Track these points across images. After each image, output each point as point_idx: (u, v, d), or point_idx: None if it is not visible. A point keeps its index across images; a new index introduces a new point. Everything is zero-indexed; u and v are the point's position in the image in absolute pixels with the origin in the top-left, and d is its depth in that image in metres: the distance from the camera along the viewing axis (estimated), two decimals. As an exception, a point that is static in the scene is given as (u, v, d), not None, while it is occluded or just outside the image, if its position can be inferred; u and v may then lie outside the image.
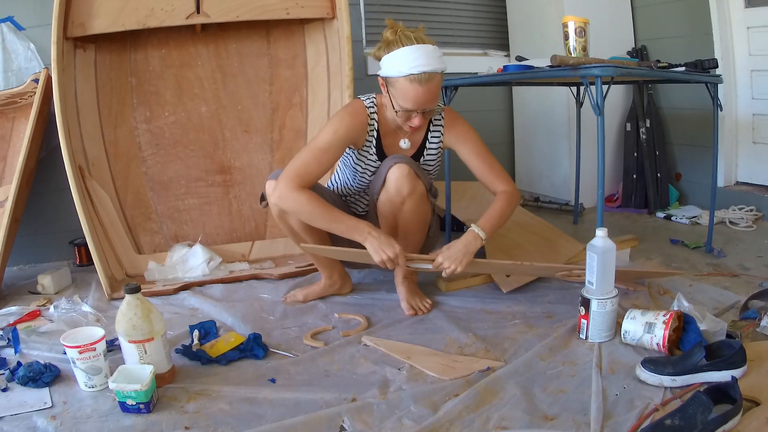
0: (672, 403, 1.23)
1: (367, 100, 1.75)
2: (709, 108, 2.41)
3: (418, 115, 1.63)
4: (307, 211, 1.63)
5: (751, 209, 2.87)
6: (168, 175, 2.49)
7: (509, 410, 1.24)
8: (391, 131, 1.77)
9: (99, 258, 2.08)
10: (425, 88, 1.58)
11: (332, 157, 1.68)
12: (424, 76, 1.56)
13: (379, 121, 1.75)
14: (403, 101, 1.61)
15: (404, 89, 1.59)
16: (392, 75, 1.60)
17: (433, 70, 1.57)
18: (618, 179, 3.42)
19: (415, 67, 1.55)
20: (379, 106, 1.75)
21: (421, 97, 1.59)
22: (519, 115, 3.64)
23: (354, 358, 1.53)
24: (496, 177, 1.79)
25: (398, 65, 1.58)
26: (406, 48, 1.57)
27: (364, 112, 1.73)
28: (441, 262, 1.65)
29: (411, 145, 1.79)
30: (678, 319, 1.47)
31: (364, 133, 1.74)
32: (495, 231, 1.72)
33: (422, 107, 1.61)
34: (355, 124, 1.70)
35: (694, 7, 3.05)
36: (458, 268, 1.64)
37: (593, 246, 1.55)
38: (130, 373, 1.31)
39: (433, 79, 1.58)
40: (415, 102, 1.60)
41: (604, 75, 1.79)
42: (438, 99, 1.65)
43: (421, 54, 1.56)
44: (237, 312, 1.86)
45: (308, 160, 1.65)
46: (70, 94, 2.23)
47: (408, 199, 1.69)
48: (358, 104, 1.74)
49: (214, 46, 2.53)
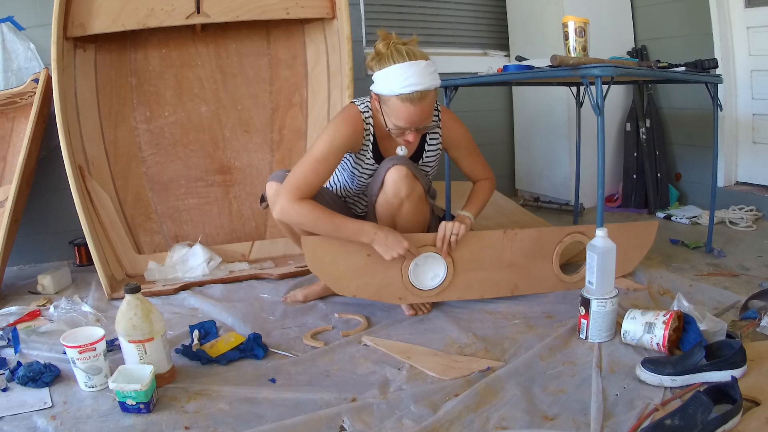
0: (672, 403, 1.23)
1: (361, 105, 1.74)
2: (709, 108, 2.41)
3: (411, 132, 1.62)
4: (310, 221, 1.64)
5: (751, 209, 2.87)
6: (168, 175, 2.49)
7: (509, 410, 1.24)
8: (387, 134, 1.76)
9: (99, 258, 2.08)
10: (418, 108, 1.56)
11: (330, 166, 1.68)
12: (416, 95, 1.54)
13: (375, 125, 1.74)
14: (396, 120, 1.60)
15: (396, 108, 1.57)
16: (384, 93, 1.58)
17: (425, 88, 1.54)
18: (618, 179, 3.42)
19: (407, 86, 1.52)
20: (374, 110, 1.73)
21: (414, 116, 1.57)
22: (519, 115, 3.65)
23: (354, 358, 1.53)
24: (482, 170, 1.92)
25: (389, 84, 1.55)
26: (397, 66, 1.54)
27: (359, 117, 1.72)
28: (445, 225, 1.73)
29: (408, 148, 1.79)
30: (678, 319, 1.47)
31: (361, 138, 1.74)
32: (478, 213, 1.85)
33: (415, 125, 1.60)
34: (350, 131, 1.70)
35: (694, 7, 3.05)
36: (460, 233, 1.73)
37: (593, 246, 1.55)
38: (130, 373, 1.31)
39: (426, 98, 1.56)
40: (407, 121, 1.59)
41: (604, 75, 1.79)
42: (432, 116, 1.64)
43: (413, 72, 1.53)
44: (237, 312, 1.85)
45: (306, 172, 1.65)
46: (70, 94, 2.23)
47: (406, 200, 1.69)
48: (352, 110, 1.73)
49: (214, 46, 2.53)
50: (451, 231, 1.73)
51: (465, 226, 1.76)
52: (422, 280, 1.80)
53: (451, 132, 1.82)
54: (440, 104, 1.84)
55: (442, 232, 1.74)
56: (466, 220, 1.78)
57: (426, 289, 1.80)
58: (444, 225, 1.75)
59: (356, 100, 1.77)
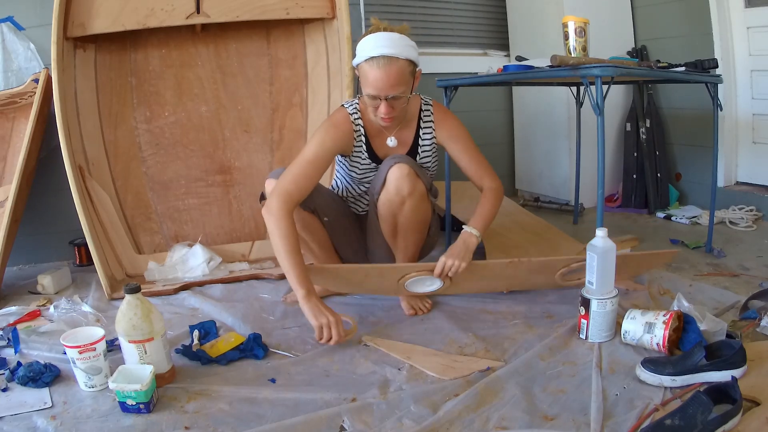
0: (672, 403, 1.23)
1: (350, 107, 1.76)
2: (709, 108, 2.41)
3: (382, 103, 1.61)
4: (274, 241, 1.62)
5: (751, 209, 2.87)
6: (168, 175, 2.49)
7: (509, 410, 1.24)
8: (378, 132, 1.77)
9: (99, 258, 2.08)
10: (384, 72, 1.56)
11: (321, 168, 1.69)
12: (383, 60, 1.56)
13: (365, 125, 1.75)
14: (366, 86, 1.62)
15: (364, 73, 1.61)
16: (357, 62, 1.63)
17: (392, 54, 1.56)
18: (618, 179, 3.42)
19: (374, 49, 1.57)
20: (362, 110, 1.75)
21: (379, 81, 1.57)
22: (519, 115, 3.64)
23: (354, 358, 1.53)
24: (484, 173, 1.82)
25: (361, 51, 1.61)
26: (371, 35, 1.60)
27: (348, 119, 1.74)
28: (444, 261, 1.66)
29: (402, 144, 1.79)
30: (678, 319, 1.47)
31: (351, 140, 1.75)
32: (486, 228, 1.76)
33: (383, 92, 1.59)
34: (339, 135, 1.71)
35: (694, 7, 3.05)
36: (462, 264, 1.66)
37: (593, 246, 1.55)
38: (130, 373, 1.31)
39: (393, 64, 1.57)
40: (374, 86, 1.59)
41: (604, 75, 1.78)
42: (402, 87, 1.61)
43: (383, 38, 1.57)
44: (237, 312, 1.85)
45: (297, 176, 1.66)
46: (70, 94, 2.23)
47: (408, 199, 1.69)
48: (341, 114, 1.75)
49: (214, 46, 2.53)
50: (450, 268, 1.66)
51: (465, 263, 1.67)
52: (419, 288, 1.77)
53: (444, 124, 1.81)
54: (433, 100, 1.84)
55: (440, 268, 1.67)
56: (471, 239, 1.70)
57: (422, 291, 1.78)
58: (443, 261, 1.67)
59: (346, 103, 1.79)
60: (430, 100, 1.83)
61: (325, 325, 1.54)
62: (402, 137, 1.79)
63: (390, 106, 1.62)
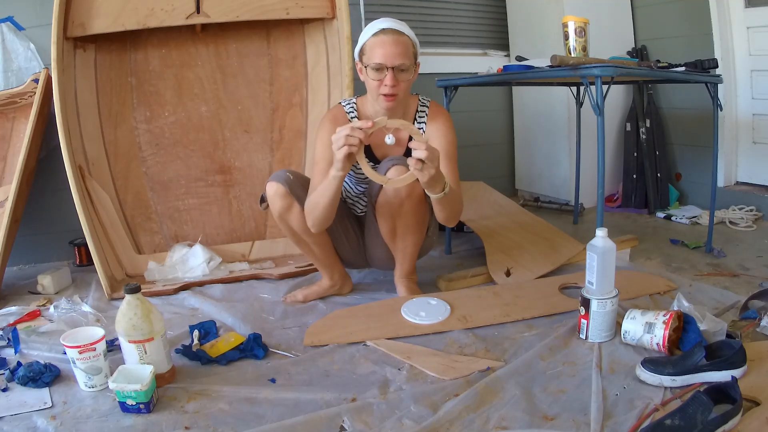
0: (672, 403, 1.23)
1: (347, 106, 1.79)
2: (709, 108, 2.41)
3: (389, 74, 1.62)
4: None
5: (751, 209, 2.87)
6: (168, 175, 2.49)
7: (509, 410, 1.24)
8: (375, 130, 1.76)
9: (99, 258, 2.08)
10: (391, 39, 1.62)
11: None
12: (391, 32, 1.63)
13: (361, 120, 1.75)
14: (372, 58, 1.64)
15: (371, 46, 1.65)
16: (361, 43, 1.68)
17: (398, 28, 1.65)
18: (618, 179, 3.42)
19: (383, 23, 1.66)
20: (359, 107, 1.77)
21: (387, 48, 1.61)
22: (519, 115, 3.65)
23: (354, 358, 1.53)
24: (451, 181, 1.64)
25: (365, 33, 1.68)
26: (372, 22, 1.69)
27: (342, 112, 1.78)
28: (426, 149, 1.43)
29: (399, 143, 1.78)
30: (678, 319, 1.47)
31: None
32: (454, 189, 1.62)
33: (390, 61, 1.61)
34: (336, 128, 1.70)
35: (694, 7, 3.05)
36: (432, 170, 1.45)
37: (593, 246, 1.55)
38: (130, 373, 1.31)
39: (399, 35, 1.64)
40: (383, 54, 1.61)
41: (604, 75, 1.79)
42: (407, 62, 1.63)
43: (390, 19, 1.68)
44: (237, 312, 1.85)
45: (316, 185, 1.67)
46: (70, 94, 2.23)
47: (406, 200, 1.69)
48: (336, 109, 1.81)
49: (214, 46, 2.53)
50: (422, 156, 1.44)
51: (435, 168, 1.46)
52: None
53: (434, 120, 1.80)
54: (432, 101, 1.84)
55: (423, 149, 1.43)
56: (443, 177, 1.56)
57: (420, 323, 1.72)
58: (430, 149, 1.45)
59: (343, 101, 1.83)
60: (428, 100, 1.83)
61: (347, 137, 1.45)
62: (399, 135, 1.79)
63: (395, 78, 1.63)
